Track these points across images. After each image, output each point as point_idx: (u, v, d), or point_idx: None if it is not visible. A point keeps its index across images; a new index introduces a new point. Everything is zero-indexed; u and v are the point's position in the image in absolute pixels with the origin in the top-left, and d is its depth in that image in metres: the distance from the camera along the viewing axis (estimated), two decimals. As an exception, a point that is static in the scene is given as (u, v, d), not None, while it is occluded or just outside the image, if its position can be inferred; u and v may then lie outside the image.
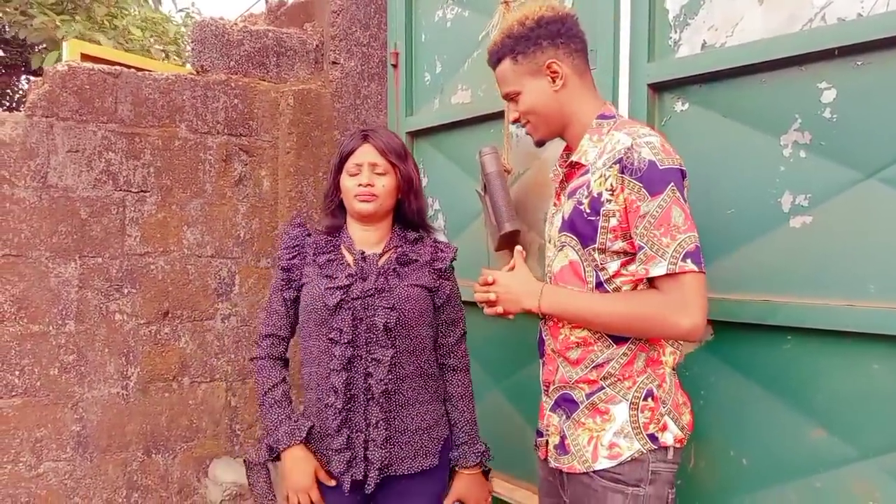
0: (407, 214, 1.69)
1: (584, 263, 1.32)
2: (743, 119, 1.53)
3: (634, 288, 1.30)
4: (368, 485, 1.55)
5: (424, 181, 2.58)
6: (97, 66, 2.41)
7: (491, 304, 1.41)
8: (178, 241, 2.54)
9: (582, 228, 1.31)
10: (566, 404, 1.37)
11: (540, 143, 1.46)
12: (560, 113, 1.38)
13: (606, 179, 1.27)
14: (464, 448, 1.68)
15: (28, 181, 2.27)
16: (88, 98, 2.36)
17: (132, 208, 2.45)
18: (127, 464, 2.48)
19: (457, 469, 1.69)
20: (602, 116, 1.37)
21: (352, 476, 1.54)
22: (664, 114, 1.69)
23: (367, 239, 1.65)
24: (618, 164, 1.25)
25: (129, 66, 2.60)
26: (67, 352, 2.36)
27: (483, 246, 2.21)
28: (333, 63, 2.71)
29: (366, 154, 1.60)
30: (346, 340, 1.54)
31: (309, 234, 1.67)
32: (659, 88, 1.70)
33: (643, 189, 1.22)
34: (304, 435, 1.59)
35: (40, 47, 7.22)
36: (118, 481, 2.46)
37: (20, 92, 9.23)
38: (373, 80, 2.75)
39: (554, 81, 1.35)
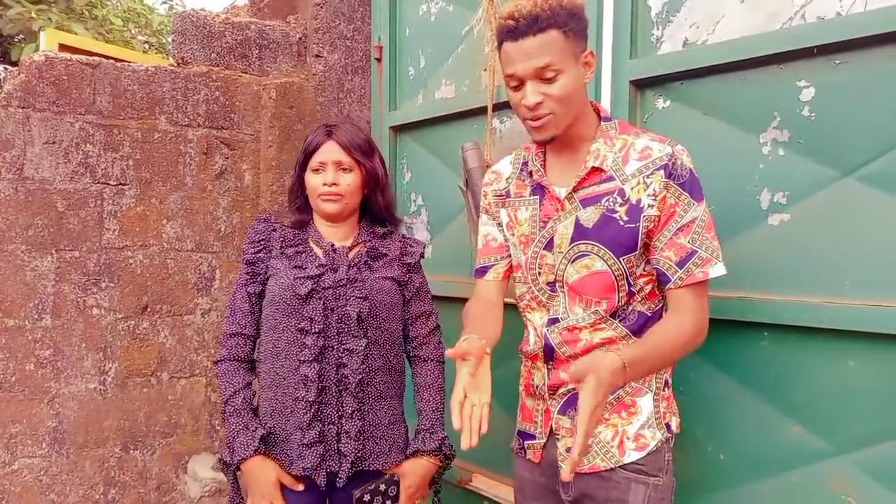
0: (374, 209, 1.68)
1: (618, 273, 1.29)
2: (723, 116, 1.54)
3: (651, 285, 1.33)
4: (340, 478, 1.53)
5: (408, 176, 2.57)
6: (75, 57, 2.37)
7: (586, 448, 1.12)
8: (157, 235, 2.51)
9: (618, 237, 1.28)
10: None
11: (547, 141, 1.30)
12: (580, 108, 1.29)
13: (648, 186, 1.25)
14: (424, 434, 1.64)
15: (3, 173, 2.23)
16: (66, 89, 2.32)
17: (110, 201, 2.42)
18: (104, 460, 2.45)
19: (414, 454, 1.64)
20: (606, 119, 1.34)
21: (327, 468, 1.53)
22: (646, 110, 1.70)
23: (335, 234, 1.64)
24: (662, 171, 1.24)
25: (108, 57, 2.56)
26: (44, 346, 2.32)
27: (466, 241, 2.21)
28: (316, 56, 2.69)
29: (330, 151, 1.58)
30: (316, 330, 1.52)
31: (275, 229, 1.64)
32: (641, 85, 1.70)
33: (687, 195, 1.25)
34: (257, 444, 1.52)
35: (19, 38, 7.10)
36: (95, 477, 2.43)
37: (-1, 82, 9.09)
38: (356, 74, 2.74)
39: (588, 74, 1.28)
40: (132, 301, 2.47)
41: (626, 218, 1.27)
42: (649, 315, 1.34)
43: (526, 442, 1.45)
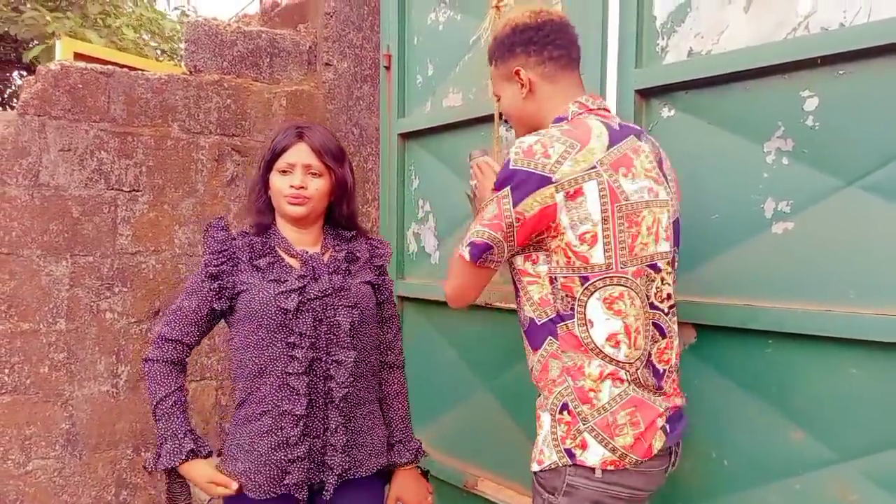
0: (337, 218, 1.61)
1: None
2: (727, 126, 1.55)
3: (542, 297, 1.35)
4: (327, 490, 1.48)
5: (415, 183, 2.60)
6: (90, 66, 2.41)
7: None
8: (169, 241, 2.55)
9: None
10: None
11: None
12: (530, 118, 1.39)
13: None
14: (398, 446, 1.64)
15: (20, 179, 2.28)
16: (81, 97, 2.36)
17: (124, 207, 2.46)
18: (116, 462, 2.48)
19: (394, 468, 1.65)
20: (558, 119, 1.35)
21: (309, 482, 1.47)
22: (651, 119, 1.71)
23: (302, 240, 1.57)
24: None
25: (122, 66, 2.61)
26: (58, 350, 2.36)
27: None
28: (326, 64, 2.72)
29: (300, 154, 1.50)
30: (307, 343, 1.45)
31: (234, 238, 1.54)
32: (646, 94, 1.72)
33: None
34: (184, 455, 1.48)
35: (33, 43, 7.20)
36: (107, 479, 2.47)
37: (12, 87, 9.21)
38: (365, 82, 2.77)
39: (521, 88, 1.37)
40: (145, 305, 2.51)
41: None
42: (538, 324, 1.30)
43: None
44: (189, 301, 1.53)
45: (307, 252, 1.55)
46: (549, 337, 1.29)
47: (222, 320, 1.59)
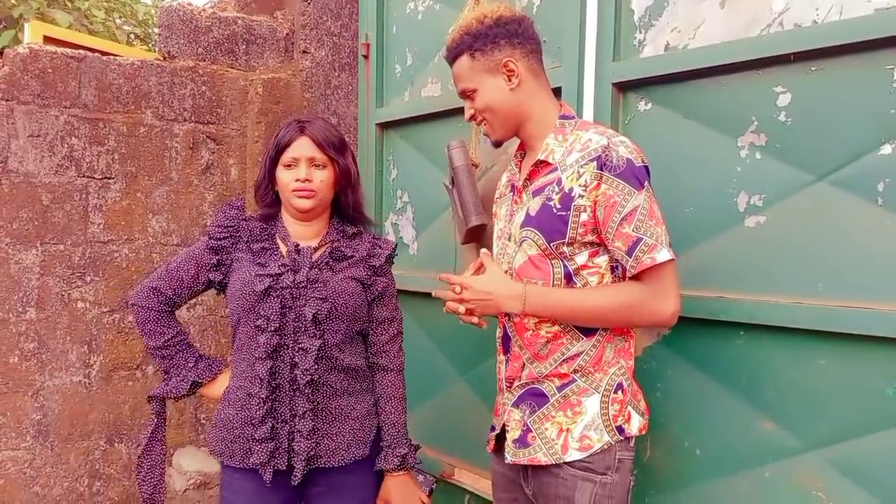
0: (343, 208, 1.66)
1: (549, 258, 1.34)
2: (702, 120, 1.57)
3: (601, 280, 1.34)
4: (295, 475, 1.52)
5: (394, 173, 2.59)
6: (60, 50, 2.36)
7: (467, 311, 1.37)
8: (142, 229, 2.52)
9: (550, 224, 1.33)
10: (533, 398, 1.39)
11: (497, 144, 1.47)
12: (516, 111, 1.40)
13: (580, 176, 1.30)
14: (386, 451, 1.65)
15: (-13, 166, 2.23)
16: (51, 82, 2.31)
17: (95, 195, 2.42)
18: (89, 452, 2.45)
19: (383, 472, 1.66)
20: (564, 117, 1.40)
21: (274, 466, 1.51)
22: (628, 112, 1.73)
23: (303, 233, 1.62)
24: (594, 162, 1.28)
25: (93, 50, 2.55)
26: (28, 339, 2.32)
27: (451, 238, 2.23)
28: (304, 52, 2.69)
29: (303, 147, 1.56)
30: (272, 328, 1.51)
31: (245, 219, 1.63)
32: (623, 87, 1.73)
33: (626, 185, 1.27)
34: (212, 376, 1.65)
35: (0, 25, 7.01)
36: (80, 470, 2.44)
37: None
38: (343, 71, 2.74)
39: (510, 80, 1.37)
40: (117, 295, 2.47)
41: (558, 206, 1.33)
42: None
43: (489, 434, 1.52)
44: (187, 265, 1.63)
45: (298, 244, 1.60)
46: None
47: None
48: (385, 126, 2.60)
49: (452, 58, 1.42)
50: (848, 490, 1.36)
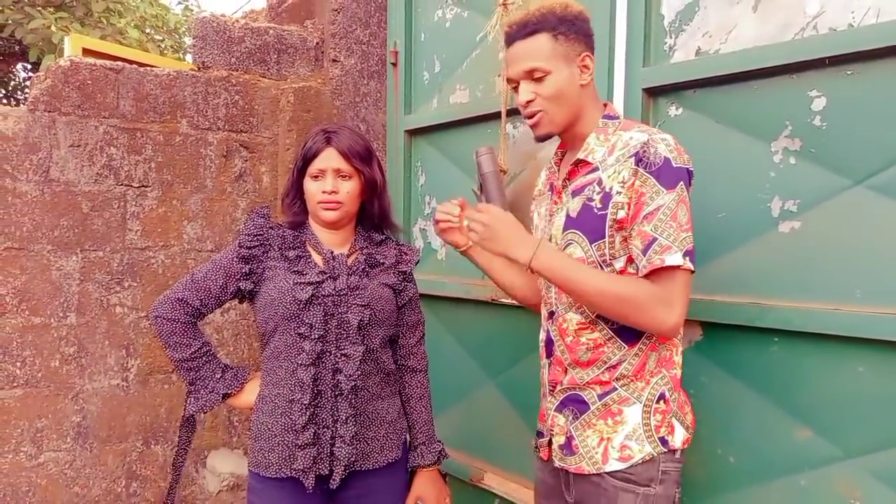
0: (371, 216, 1.68)
1: (590, 261, 1.32)
2: (735, 125, 1.56)
3: None
4: (334, 480, 1.54)
5: (422, 179, 2.61)
6: (99, 62, 2.43)
7: (466, 228, 1.37)
8: (178, 236, 2.57)
9: (591, 224, 1.32)
10: (575, 405, 1.38)
11: (544, 138, 1.40)
12: (577, 107, 1.37)
13: (619, 173, 1.28)
14: (422, 448, 1.70)
15: (30, 175, 2.30)
16: (90, 93, 2.38)
17: (133, 203, 2.48)
18: (126, 454, 2.51)
19: (416, 469, 1.70)
20: (608, 117, 1.39)
21: (317, 472, 1.52)
22: (658, 118, 1.72)
23: (333, 240, 1.64)
24: (633, 158, 1.27)
25: (130, 62, 2.62)
26: (68, 344, 2.39)
27: (479, 244, 2.24)
28: (333, 61, 2.73)
29: (329, 159, 1.57)
30: (316, 336, 1.52)
31: (272, 227, 1.63)
32: (654, 93, 1.72)
33: (657, 183, 1.24)
34: (245, 376, 1.64)
35: (39, 43, 7.25)
36: (117, 471, 2.50)
37: (16, 80, 9.25)
38: (372, 78, 2.78)
39: (582, 75, 1.35)
40: (154, 300, 2.52)
41: (599, 205, 1.31)
42: None
43: (539, 440, 1.50)
44: (215, 275, 1.60)
45: (333, 252, 1.61)
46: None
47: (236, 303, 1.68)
48: (413, 133, 2.62)
49: (529, 32, 1.32)
50: (887, 499, 1.34)
